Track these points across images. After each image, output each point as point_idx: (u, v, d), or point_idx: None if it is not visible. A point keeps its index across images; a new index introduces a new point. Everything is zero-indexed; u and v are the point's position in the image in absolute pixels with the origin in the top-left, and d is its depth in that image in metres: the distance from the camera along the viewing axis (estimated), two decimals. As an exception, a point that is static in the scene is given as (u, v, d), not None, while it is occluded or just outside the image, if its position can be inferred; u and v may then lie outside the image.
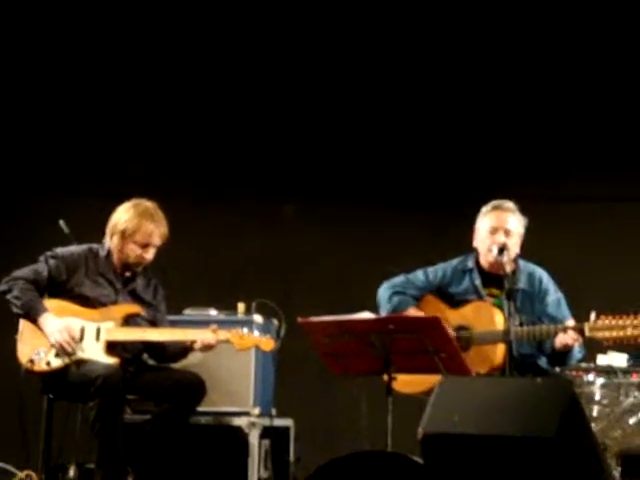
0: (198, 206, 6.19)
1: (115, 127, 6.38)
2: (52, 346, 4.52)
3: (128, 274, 4.78)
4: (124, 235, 4.68)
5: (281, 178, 6.32)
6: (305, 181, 6.32)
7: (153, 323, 4.77)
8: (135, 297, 4.78)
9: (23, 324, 4.62)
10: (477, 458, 3.53)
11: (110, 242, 4.74)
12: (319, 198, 6.29)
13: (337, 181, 6.32)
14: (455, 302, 4.75)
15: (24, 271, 4.64)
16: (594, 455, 3.61)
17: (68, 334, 4.52)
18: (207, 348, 4.63)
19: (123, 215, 4.72)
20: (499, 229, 4.69)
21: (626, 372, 4.69)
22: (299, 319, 4.22)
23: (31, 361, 4.52)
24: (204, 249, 6.21)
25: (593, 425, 4.36)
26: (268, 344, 4.67)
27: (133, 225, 4.67)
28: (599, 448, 3.78)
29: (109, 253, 4.75)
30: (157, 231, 4.69)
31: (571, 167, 6.18)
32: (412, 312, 4.71)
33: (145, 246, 4.69)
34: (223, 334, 4.61)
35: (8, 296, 4.59)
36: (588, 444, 3.57)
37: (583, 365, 4.63)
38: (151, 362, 4.82)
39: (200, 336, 4.61)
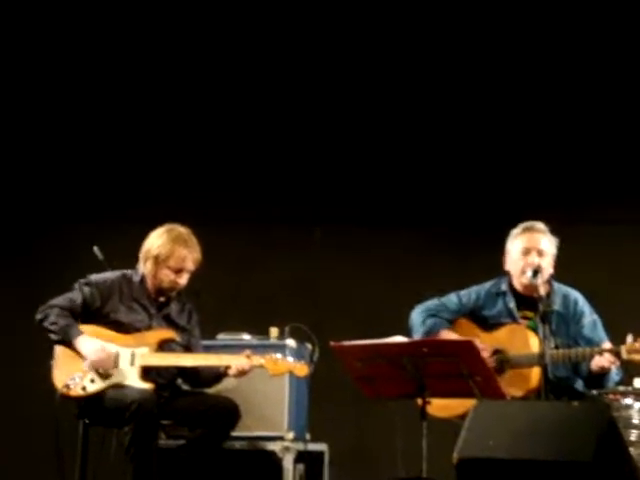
0: (230, 231, 6.21)
1: (146, 153, 6.41)
2: (90, 366, 4.53)
3: (162, 299, 4.79)
4: (157, 260, 4.70)
5: (311, 202, 6.32)
6: (335, 205, 6.32)
7: (187, 348, 4.78)
8: (169, 322, 4.78)
9: (58, 350, 4.64)
10: (513, 483, 3.49)
11: (144, 267, 4.76)
12: (349, 222, 6.28)
13: (367, 205, 6.32)
14: (489, 325, 4.72)
15: (59, 299, 4.66)
16: (632, 480, 3.56)
17: (105, 354, 4.55)
18: (241, 374, 4.63)
19: (156, 241, 4.74)
20: (532, 250, 4.66)
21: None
22: (332, 343, 4.22)
23: (67, 386, 4.53)
24: (236, 274, 6.22)
25: (631, 450, 4.31)
26: (302, 370, 4.66)
27: (166, 250, 4.69)
28: (638, 473, 3.73)
29: (143, 278, 4.77)
30: (190, 256, 4.70)
31: (601, 190, 6.14)
32: (445, 334, 4.69)
33: (179, 271, 4.70)
34: (257, 359, 4.61)
35: (44, 323, 4.61)
36: (627, 469, 3.53)
37: (621, 388, 4.58)
38: (185, 387, 4.83)
39: (234, 362, 4.60)
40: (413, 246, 6.19)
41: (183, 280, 4.72)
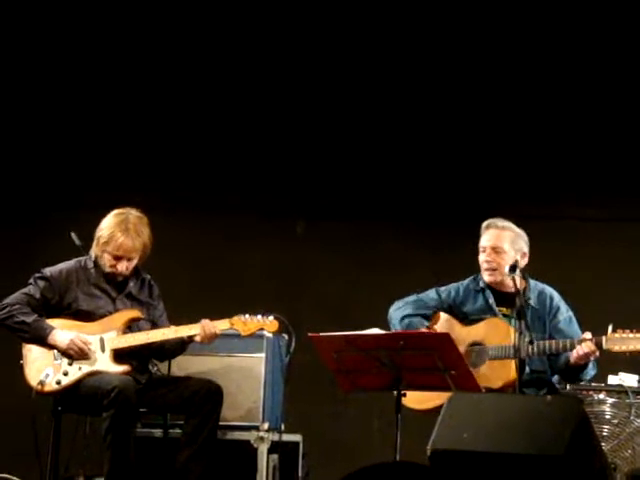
0: (209, 221, 6.19)
1: (122, 139, 6.35)
2: (67, 353, 4.46)
3: (120, 279, 4.66)
4: (99, 244, 4.59)
5: (290, 193, 6.32)
6: (314, 196, 6.33)
7: (153, 323, 4.69)
8: (132, 300, 4.69)
9: (25, 348, 4.55)
10: (486, 475, 3.53)
11: (93, 250, 4.65)
12: (327, 214, 6.30)
13: (346, 198, 6.33)
14: (469, 321, 4.71)
15: (16, 296, 4.56)
16: (603, 474, 3.60)
17: (81, 340, 4.50)
18: (209, 338, 4.54)
19: (103, 223, 4.62)
20: (486, 248, 4.69)
21: (637, 392, 4.69)
22: (309, 334, 4.22)
23: (41, 383, 4.45)
24: (214, 264, 6.21)
25: (603, 444, 4.36)
26: (272, 325, 4.59)
27: (106, 235, 4.56)
28: (609, 468, 3.78)
29: (96, 262, 4.66)
30: (128, 245, 4.53)
31: (577, 186, 6.17)
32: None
33: (117, 258, 4.58)
34: (224, 323, 4.53)
35: (8, 322, 4.51)
36: (598, 463, 3.57)
37: (594, 384, 4.62)
38: (155, 370, 4.77)
39: (200, 330, 4.52)
40: (390, 239, 6.22)
41: (122, 267, 4.58)
